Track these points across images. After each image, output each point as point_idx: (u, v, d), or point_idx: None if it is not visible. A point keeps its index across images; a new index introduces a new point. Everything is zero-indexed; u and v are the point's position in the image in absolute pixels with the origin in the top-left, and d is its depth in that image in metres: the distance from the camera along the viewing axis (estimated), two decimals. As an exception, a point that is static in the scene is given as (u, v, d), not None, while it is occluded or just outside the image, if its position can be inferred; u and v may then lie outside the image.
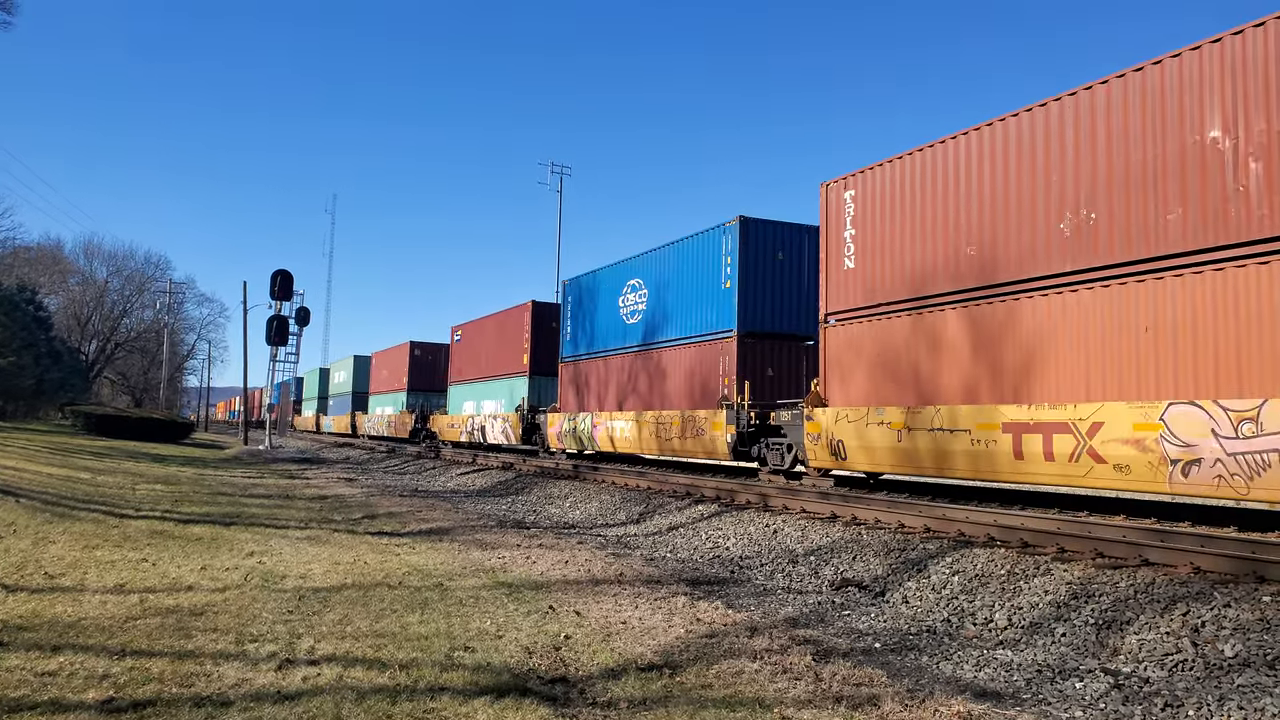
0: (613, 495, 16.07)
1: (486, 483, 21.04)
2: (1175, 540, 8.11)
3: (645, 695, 5.00)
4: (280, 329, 41.41)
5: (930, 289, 12.52)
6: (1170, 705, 5.14)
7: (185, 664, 5.24)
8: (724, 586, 8.93)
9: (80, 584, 7.53)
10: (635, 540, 12.24)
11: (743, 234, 17.69)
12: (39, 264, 63.61)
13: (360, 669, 5.27)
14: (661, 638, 6.35)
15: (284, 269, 40.87)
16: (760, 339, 17.83)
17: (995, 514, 10.20)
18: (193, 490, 17.11)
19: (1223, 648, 5.82)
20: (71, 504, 13.27)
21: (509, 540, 11.30)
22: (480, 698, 4.81)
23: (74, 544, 9.63)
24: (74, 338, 63.93)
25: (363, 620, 6.53)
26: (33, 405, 49.36)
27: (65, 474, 18.47)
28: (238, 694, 4.75)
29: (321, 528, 12.00)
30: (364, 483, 21.45)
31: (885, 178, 13.64)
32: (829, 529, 10.82)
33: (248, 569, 8.50)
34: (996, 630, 7.09)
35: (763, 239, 18.03)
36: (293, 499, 16.26)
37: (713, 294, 18.42)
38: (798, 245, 18.57)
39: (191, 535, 10.73)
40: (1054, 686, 5.66)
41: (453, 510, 15.04)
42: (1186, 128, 9.40)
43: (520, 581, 8.35)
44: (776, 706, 4.88)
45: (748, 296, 17.70)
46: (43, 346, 45.64)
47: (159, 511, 13.14)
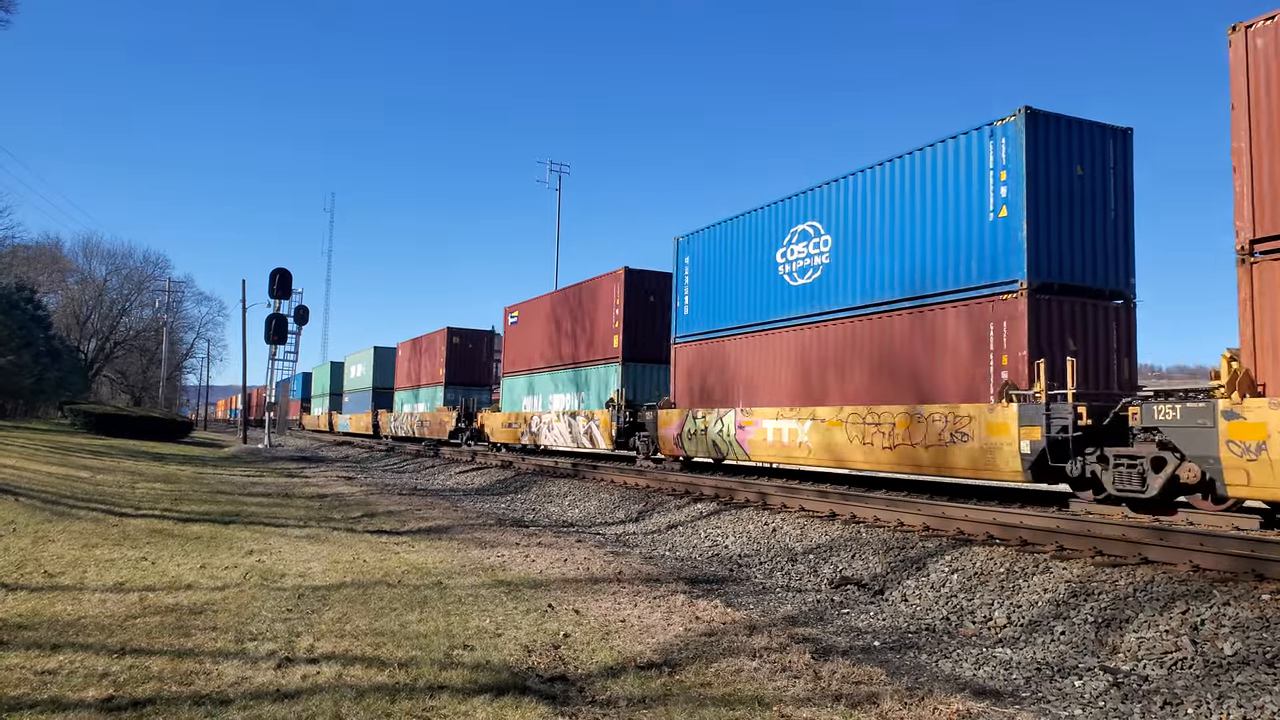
0: (611, 494, 16.07)
1: (485, 481, 21.05)
2: (1174, 539, 8.11)
3: (644, 693, 5.00)
4: (279, 327, 41.39)
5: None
6: (1169, 703, 5.14)
7: (185, 662, 5.24)
8: (723, 585, 8.93)
9: (80, 582, 7.53)
10: (634, 538, 12.24)
11: (1031, 135, 11.94)
12: (38, 262, 63.56)
13: (359, 667, 5.27)
14: (660, 636, 6.35)
15: (283, 267, 40.87)
16: (1059, 295, 11.93)
17: (995, 512, 10.20)
18: (192, 489, 17.11)
19: (1222, 646, 5.82)
20: (71, 503, 13.26)
21: (508, 538, 11.31)
22: (479, 696, 4.81)
23: (73, 542, 9.62)
24: (73, 336, 63.89)
25: (362, 619, 6.54)
26: (32, 404, 49.36)
27: (64, 473, 18.47)
28: (237, 692, 4.75)
29: (320, 526, 12.00)
30: (363, 481, 21.45)
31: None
32: (828, 527, 10.82)
33: (247, 567, 8.50)
34: (996, 628, 7.10)
35: (1058, 144, 12.27)
36: (292, 497, 16.26)
37: (970, 230, 12.57)
38: (1100, 154, 12.65)
39: (191, 534, 10.73)
40: (1053, 684, 5.66)
41: (452, 508, 15.04)
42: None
43: (519, 580, 8.35)
44: (776, 704, 4.88)
45: (1039, 231, 11.86)
46: (42, 345, 45.60)
47: (158, 510, 13.14)
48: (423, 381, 38.82)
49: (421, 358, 39.67)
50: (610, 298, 22.55)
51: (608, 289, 22.80)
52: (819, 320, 15.25)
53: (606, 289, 22.88)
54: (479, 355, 37.02)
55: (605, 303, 22.91)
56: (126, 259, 75.35)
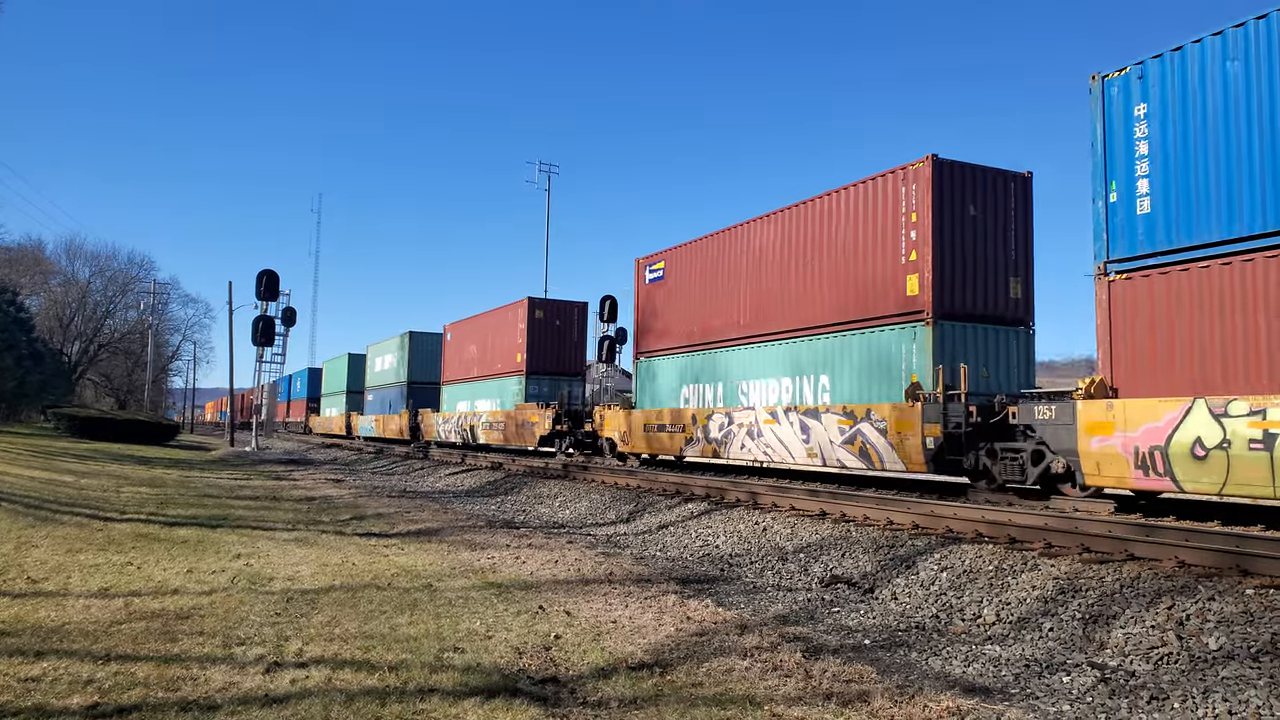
0: (602, 494, 16.05)
1: (476, 483, 20.99)
2: (1160, 535, 8.17)
3: (636, 694, 5.00)
4: (266, 329, 41.14)
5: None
6: (1156, 698, 5.18)
7: (171, 668, 5.19)
8: (714, 584, 8.94)
9: (64, 588, 7.46)
10: (625, 539, 12.23)
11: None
12: (20, 264, 62.96)
13: (349, 671, 5.24)
14: (652, 636, 6.34)
15: (270, 269, 40.59)
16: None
17: (983, 510, 10.24)
18: (178, 492, 16.99)
19: (1207, 641, 5.86)
20: (55, 507, 13.15)
21: (498, 540, 11.28)
22: (470, 698, 4.79)
23: (57, 548, 9.54)
24: (56, 339, 63.35)
25: (351, 622, 6.50)
26: (14, 408, 48.91)
27: (48, 477, 18.30)
28: (225, 698, 4.71)
29: (309, 529, 11.94)
30: (352, 484, 21.35)
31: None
32: (818, 526, 10.84)
33: (234, 571, 8.44)
34: (985, 626, 7.13)
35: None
36: (280, 500, 16.17)
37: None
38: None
39: (177, 538, 10.65)
40: (1041, 681, 5.69)
41: (441, 511, 14.98)
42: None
43: (510, 582, 8.33)
44: (767, 704, 4.88)
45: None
46: (24, 348, 45.19)
47: (144, 514, 13.04)
48: (489, 371, 30.76)
49: (487, 340, 31.30)
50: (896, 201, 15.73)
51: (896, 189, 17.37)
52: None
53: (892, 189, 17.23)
54: (568, 334, 28.19)
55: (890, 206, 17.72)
56: (110, 261, 74.75)
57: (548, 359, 28.11)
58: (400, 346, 40.22)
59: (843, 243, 15.76)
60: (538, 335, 27.91)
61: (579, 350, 28.93)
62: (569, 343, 28.67)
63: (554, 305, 28.77)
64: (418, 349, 39.01)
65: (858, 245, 15.38)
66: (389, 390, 41.77)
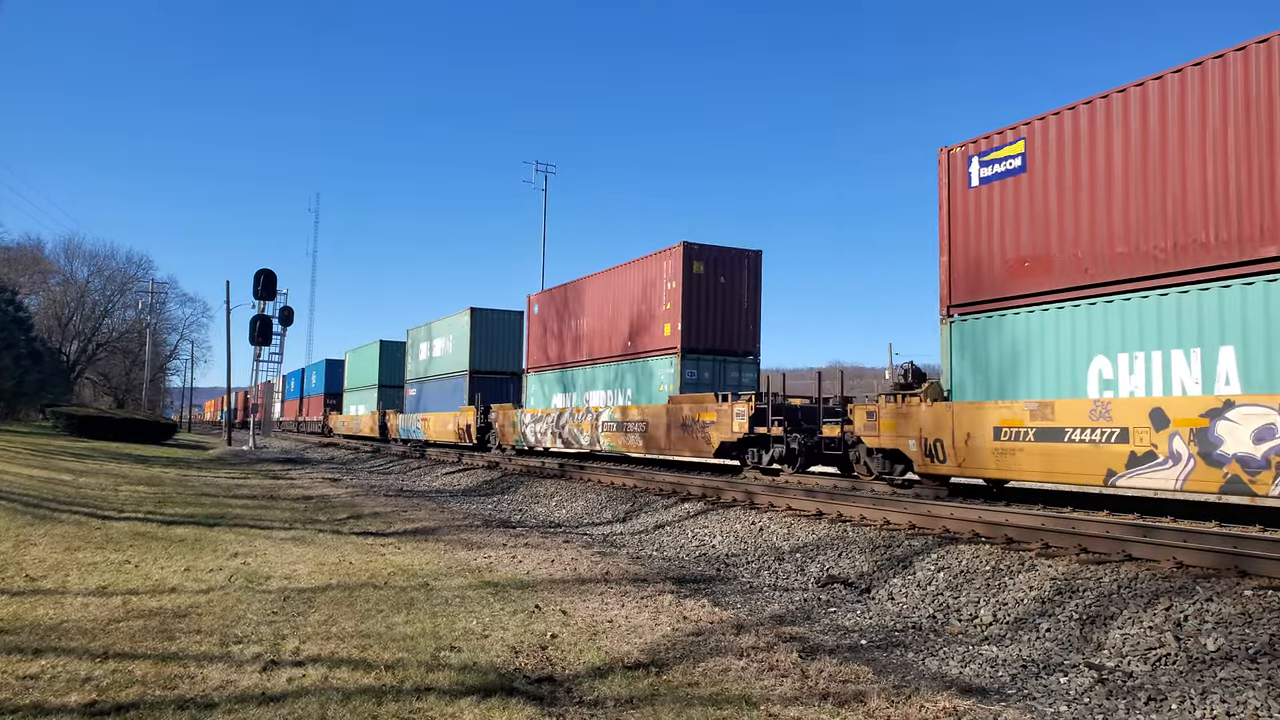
0: (599, 494, 16.06)
1: (472, 482, 20.98)
2: (1158, 535, 8.18)
3: (632, 694, 5.00)
4: (264, 329, 41.15)
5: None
6: (1154, 699, 5.18)
7: (169, 666, 5.19)
8: (710, 584, 8.94)
9: (62, 586, 7.46)
10: (621, 539, 12.23)
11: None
12: (18, 264, 62.93)
13: (346, 670, 5.24)
14: (648, 636, 6.34)
15: (267, 268, 40.63)
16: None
17: (980, 510, 10.25)
18: (176, 491, 16.98)
19: (1205, 641, 5.87)
20: (53, 506, 13.14)
21: (495, 539, 11.27)
22: (466, 697, 4.79)
23: (56, 546, 9.53)
24: (55, 338, 63.32)
25: (348, 621, 6.50)
26: (13, 406, 48.85)
27: (46, 475, 18.29)
28: (222, 696, 4.71)
29: (306, 528, 11.93)
30: (349, 483, 21.34)
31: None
32: (814, 526, 10.85)
33: (232, 570, 8.44)
34: (982, 626, 7.13)
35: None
36: (277, 499, 16.16)
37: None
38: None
39: (175, 536, 10.64)
40: (1039, 681, 5.69)
41: (438, 510, 14.98)
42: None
43: (506, 581, 8.33)
44: (763, 704, 4.88)
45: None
46: (23, 347, 45.16)
47: (142, 513, 13.03)
48: (612, 352, 23.15)
49: (608, 308, 23.47)
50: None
51: None
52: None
53: None
54: (737, 296, 20.69)
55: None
56: (109, 260, 74.75)
57: (708, 332, 20.52)
58: (459, 327, 32.45)
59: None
60: (697, 300, 20.37)
61: (750, 319, 21.09)
62: (738, 310, 20.88)
63: (719, 255, 20.72)
64: (485, 329, 31.69)
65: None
66: (444, 382, 33.75)
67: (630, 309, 22.65)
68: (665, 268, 21.09)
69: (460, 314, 32.96)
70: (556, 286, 27.52)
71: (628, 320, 22.73)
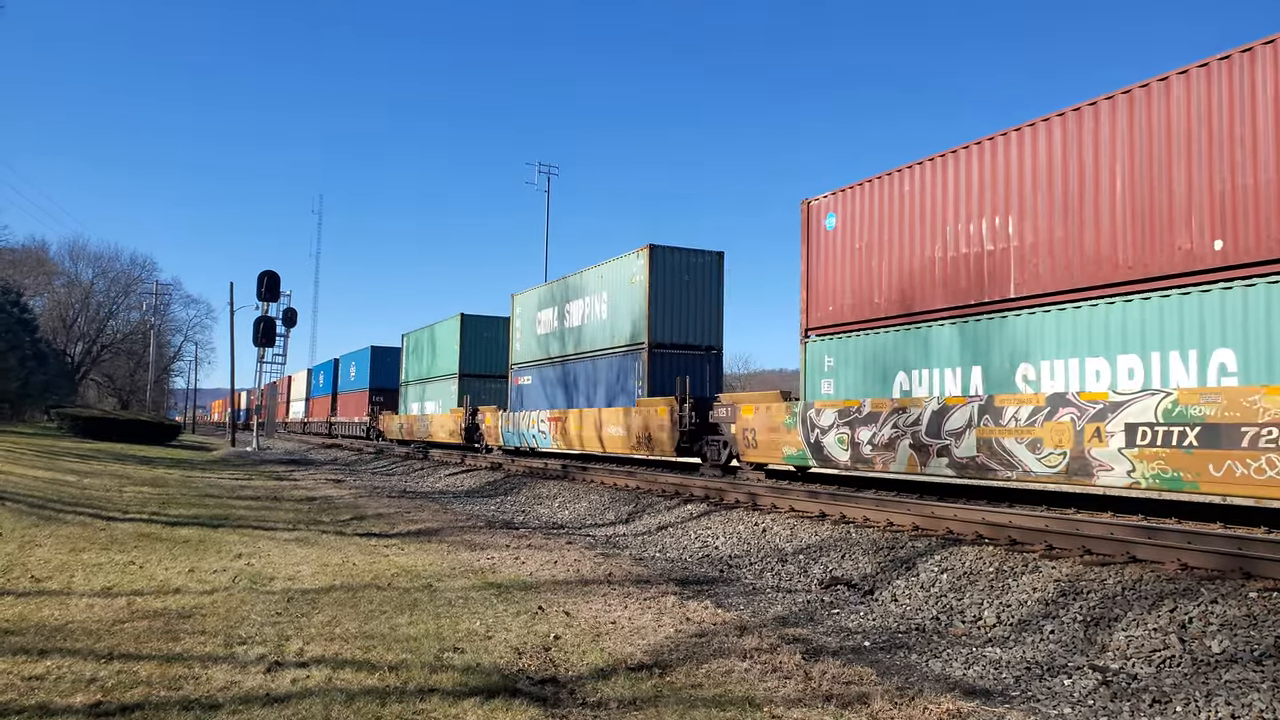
0: (601, 495, 16.06)
1: (475, 483, 20.99)
2: (1162, 537, 8.16)
3: (635, 695, 5.00)
4: (267, 330, 41.25)
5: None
6: (1158, 701, 5.17)
7: (173, 667, 5.20)
8: (713, 586, 8.94)
9: (67, 587, 7.48)
10: (624, 540, 12.23)
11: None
12: (23, 265, 63.11)
13: (349, 671, 5.25)
14: (651, 637, 6.34)
15: (270, 270, 40.78)
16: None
17: (984, 511, 10.24)
18: (180, 492, 17.01)
19: (1210, 644, 5.86)
20: (58, 507, 13.17)
21: (498, 541, 11.28)
22: (470, 699, 4.80)
23: (60, 547, 9.56)
24: (59, 340, 63.49)
25: (351, 622, 6.51)
26: (18, 408, 48.99)
27: (51, 477, 18.34)
28: (226, 697, 4.72)
29: (310, 529, 11.95)
30: (352, 484, 21.37)
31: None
32: (817, 527, 10.84)
33: (236, 571, 8.46)
34: (985, 628, 7.12)
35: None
36: (281, 500, 16.19)
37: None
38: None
39: (179, 537, 10.66)
40: (1043, 684, 5.68)
41: (441, 511, 14.99)
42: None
43: (509, 582, 8.33)
44: (766, 705, 4.88)
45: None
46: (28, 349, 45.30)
47: (146, 514, 13.06)
48: None
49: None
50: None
51: None
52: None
53: None
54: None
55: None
56: (113, 262, 74.98)
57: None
58: (615, 282, 21.99)
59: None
60: None
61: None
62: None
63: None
64: (666, 279, 20.64)
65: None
66: (598, 362, 22.75)
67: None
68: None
69: (628, 257, 21.30)
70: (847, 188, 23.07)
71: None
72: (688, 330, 21.17)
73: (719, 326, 21.50)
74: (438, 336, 35.53)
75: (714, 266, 21.41)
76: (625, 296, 21.69)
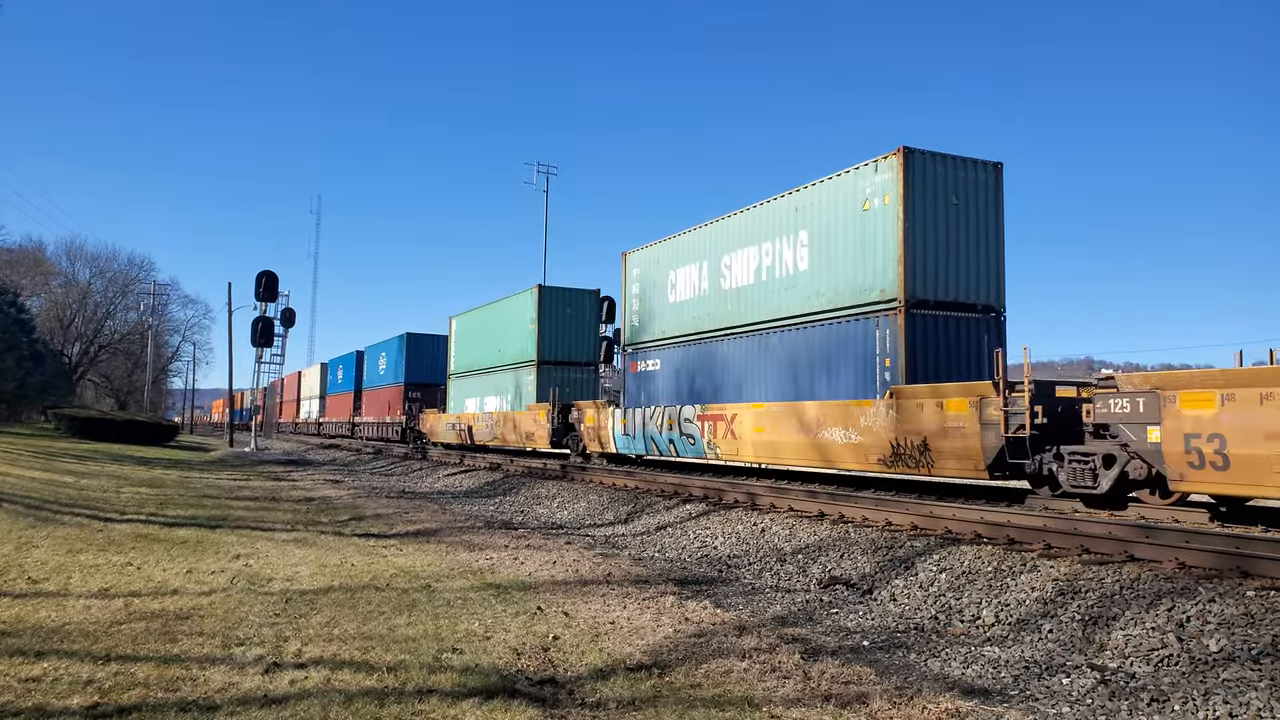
0: (600, 495, 16.05)
1: (474, 484, 20.98)
2: (1160, 536, 8.16)
3: (634, 695, 5.00)
4: (265, 330, 41.19)
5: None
6: (1156, 700, 5.18)
7: (171, 668, 5.19)
8: (712, 586, 8.93)
9: (64, 589, 7.46)
10: (623, 540, 12.23)
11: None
12: (20, 266, 62.98)
13: (348, 672, 5.24)
14: (650, 637, 6.34)
15: (269, 270, 40.70)
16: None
17: (982, 511, 10.23)
18: (178, 493, 16.98)
19: (1208, 643, 5.86)
20: (55, 508, 13.15)
21: (497, 541, 11.27)
22: (468, 699, 4.79)
23: (58, 548, 9.54)
24: (56, 340, 63.37)
25: (350, 623, 6.50)
26: (14, 408, 48.90)
27: (48, 478, 18.31)
28: (224, 698, 4.71)
29: (308, 530, 11.94)
30: (351, 484, 21.35)
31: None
32: (816, 527, 10.84)
33: (234, 572, 8.44)
34: (984, 627, 7.12)
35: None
36: (279, 501, 16.17)
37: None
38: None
39: (177, 538, 10.65)
40: (1041, 683, 5.69)
41: (440, 511, 14.98)
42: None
43: (508, 582, 8.33)
44: (765, 705, 4.88)
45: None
46: (24, 349, 45.21)
47: (144, 515, 13.04)
48: None
49: None
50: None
51: None
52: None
53: None
54: None
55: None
56: (110, 262, 74.78)
57: None
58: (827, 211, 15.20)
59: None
60: None
61: None
62: None
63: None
64: (926, 200, 13.91)
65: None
66: (792, 336, 15.93)
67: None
68: None
69: (865, 169, 14.40)
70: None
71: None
72: (958, 281, 14.08)
73: (1000, 275, 14.50)
74: (505, 316, 28.75)
75: (991, 184, 14.55)
76: (851, 230, 14.66)
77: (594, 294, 26.75)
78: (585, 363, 26.42)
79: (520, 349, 27.25)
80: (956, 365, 13.90)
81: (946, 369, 13.77)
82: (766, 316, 16.61)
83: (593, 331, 26.25)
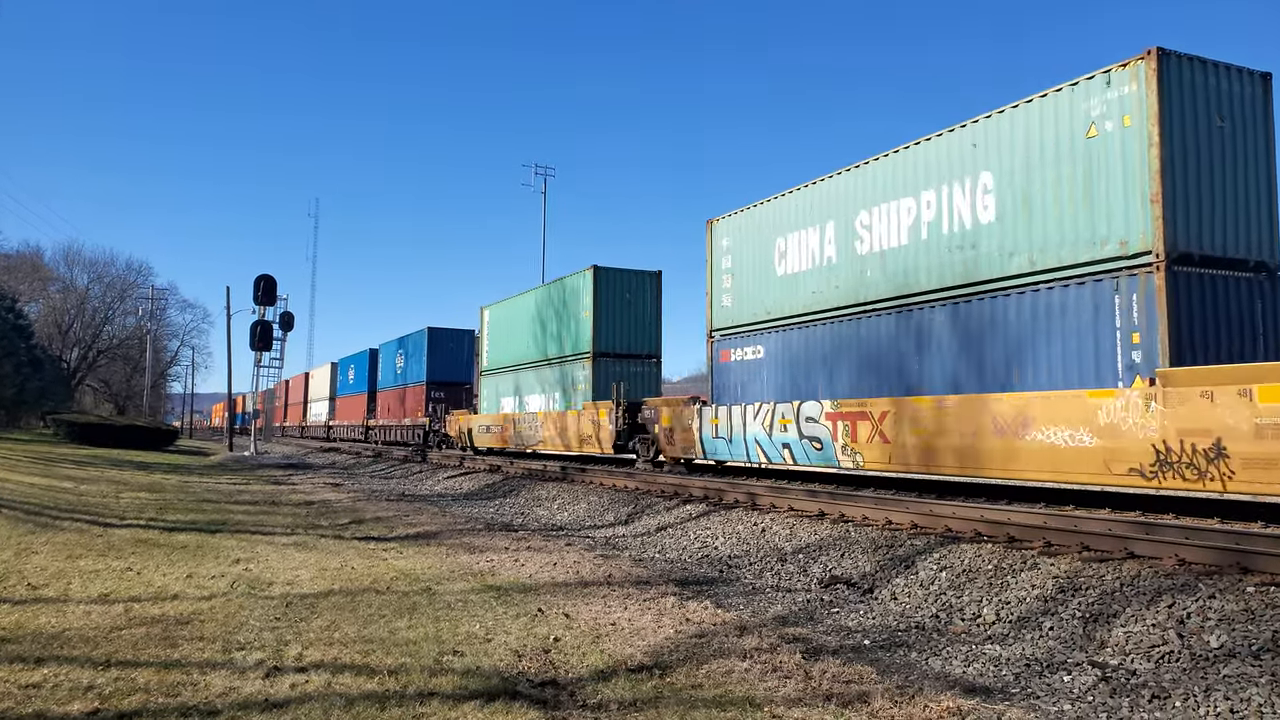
0: (600, 496, 16.05)
1: (474, 486, 20.97)
2: (1160, 533, 8.16)
3: (635, 696, 4.99)
4: (264, 334, 41.11)
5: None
6: (1157, 697, 5.18)
7: (171, 673, 5.19)
8: (713, 586, 8.93)
9: (64, 594, 7.46)
10: (623, 541, 12.22)
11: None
12: (18, 271, 62.96)
13: (348, 675, 5.24)
14: (651, 638, 6.34)
15: (267, 274, 40.59)
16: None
17: (982, 509, 10.24)
18: (177, 498, 16.97)
19: (1208, 639, 5.86)
20: (55, 514, 13.14)
21: (497, 543, 11.27)
22: (470, 702, 4.79)
23: (57, 554, 9.53)
24: (55, 346, 63.32)
25: (350, 626, 6.50)
26: (13, 414, 48.87)
27: (48, 483, 18.29)
28: (225, 703, 4.71)
29: (308, 533, 11.93)
30: (350, 488, 21.34)
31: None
32: (816, 527, 10.84)
33: (234, 576, 8.44)
34: (984, 625, 7.12)
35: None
36: (279, 505, 16.16)
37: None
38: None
39: (176, 543, 10.64)
40: (1042, 680, 5.69)
41: (440, 514, 14.98)
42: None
43: (508, 584, 8.32)
44: (767, 705, 4.88)
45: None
46: (23, 355, 45.18)
47: (143, 520, 13.03)
48: None
49: None
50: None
51: None
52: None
53: None
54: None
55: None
56: (108, 267, 74.80)
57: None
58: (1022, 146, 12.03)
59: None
60: None
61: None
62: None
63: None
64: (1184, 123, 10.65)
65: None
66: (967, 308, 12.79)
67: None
68: None
69: (1096, 81, 11.19)
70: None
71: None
72: (1225, 229, 11.00)
73: (1273, 222, 11.39)
74: (551, 303, 25.65)
75: (1260, 102, 11.38)
76: (1065, 166, 11.58)
77: (655, 276, 24.45)
78: (646, 355, 23.92)
79: (572, 340, 24.25)
80: (1226, 342, 10.77)
81: (1215, 347, 10.64)
82: (928, 286, 13.34)
83: (653, 319, 24.10)
